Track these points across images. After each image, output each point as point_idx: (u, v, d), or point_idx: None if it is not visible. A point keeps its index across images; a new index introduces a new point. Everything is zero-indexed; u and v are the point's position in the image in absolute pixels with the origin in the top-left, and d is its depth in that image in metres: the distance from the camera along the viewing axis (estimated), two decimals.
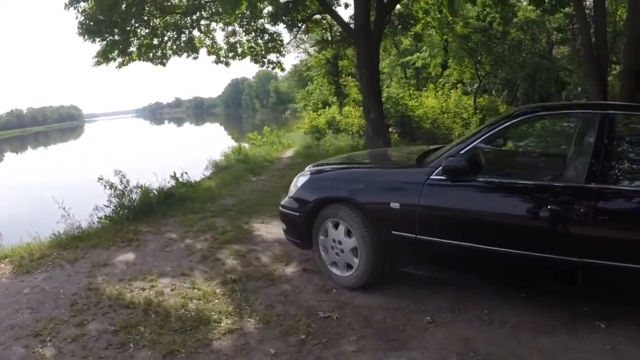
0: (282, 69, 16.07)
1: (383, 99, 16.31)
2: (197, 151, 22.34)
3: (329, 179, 4.94)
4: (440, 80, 20.93)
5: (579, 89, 18.07)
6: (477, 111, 18.29)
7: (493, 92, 24.01)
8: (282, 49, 15.79)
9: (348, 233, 4.34)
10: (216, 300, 4.41)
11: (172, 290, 4.69)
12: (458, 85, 20.62)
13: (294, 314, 4.09)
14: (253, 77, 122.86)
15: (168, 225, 7.11)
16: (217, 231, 6.63)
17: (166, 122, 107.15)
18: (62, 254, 5.89)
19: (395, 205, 4.08)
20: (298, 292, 4.54)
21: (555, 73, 21.69)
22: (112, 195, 7.65)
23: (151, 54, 14.04)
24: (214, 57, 15.26)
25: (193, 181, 9.95)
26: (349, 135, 15.72)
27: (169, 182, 9.03)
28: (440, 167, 3.93)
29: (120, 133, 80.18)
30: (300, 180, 4.98)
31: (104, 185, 7.68)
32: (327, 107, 22.44)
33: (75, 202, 7.77)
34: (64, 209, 7.00)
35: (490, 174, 4.12)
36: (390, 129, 14.23)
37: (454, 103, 18.33)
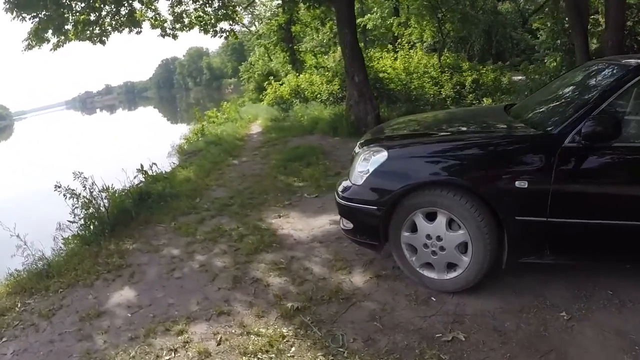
0: (236, 38, 14.30)
1: None
2: (147, 138, 19.91)
3: (422, 156, 3.73)
4: (399, 40, 19.53)
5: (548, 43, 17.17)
6: (446, 69, 17.08)
7: (445, 50, 23.06)
8: (235, 16, 13.91)
9: (450, 224, 3.47)
10: (292, 349, 3.05)
11: (218, 343, 3.18)
12: (417, 45, 19.37)
13: (408, 344, 3.06)
14: (184, 56, 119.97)
15: (159, 236, 5.46)
16: (231, 237, 5.09)
17: (98, 110, 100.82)
18: (30, 303, 4.16)
19: (521, 184, 3.25)
20: (391, 311, 3.48)
21: (508, 29, 21.07)
22: (76, 206, 5.75)
23: (89, 32, 12.08)
24: (157, 32, 13.44)
25: (164, 172, 8.12)
26: (320, 103, 14.11)
27: (135, 177, 7.22)
28: (576, 131, 3.23)
29: (54, 128, 74.12)
30: (374, 160, 3.77)
31: (64, 195, 5.72)
32: (271, 77, 20.76)
33: (28, 223, 5.89)
34: (17, 236, 5.00)
35: (631, 138, 3.45)
36: None
37: (418, 63, 17.02)
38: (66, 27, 11.48)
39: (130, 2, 12.54)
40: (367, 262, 4.26)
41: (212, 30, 13.93)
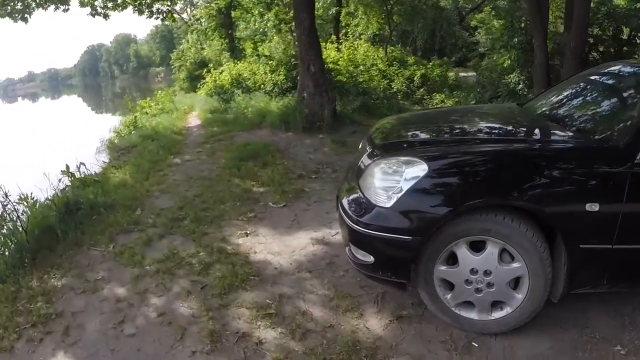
0: (174, 20, 12.90)
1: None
2: (71, 131, 17.74)
3: (471, 171, 2.97)
4: (344, 31, 18.67)
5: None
6: (394, 62, 16.47)
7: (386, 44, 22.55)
8: None
9: (501, 256, 2.87)
10: None
11: None
12: (361, 36, 18.59)
13: None
14: (111, 42, 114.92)
15: (96, 265, 4.22)
16: (193, 267, 3.99)
17: (19, 99, 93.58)
18: None
19: (592, 206, 2.72)
20: None
21: (455, 25, 20.84)
22: None
23: (9, 7, 10.66)
24: (87, 10, 12.12)
25: (94, 174, 6.76)
26: (264, 94, 12.94)
27: (60, 180, 5.89)
28: None
29: None
30: (408, 175, 2.93)
31: None
32: (209, 65, 19.34)
33: None
34: None
35: None
36: None
37: (364, 55, 16.29)
38: None
39: None
40: (377, 298, 3.45)
41: (147, 10, 12.60)
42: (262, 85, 13.73)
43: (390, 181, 2.98)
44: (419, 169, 2.88)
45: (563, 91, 4.30)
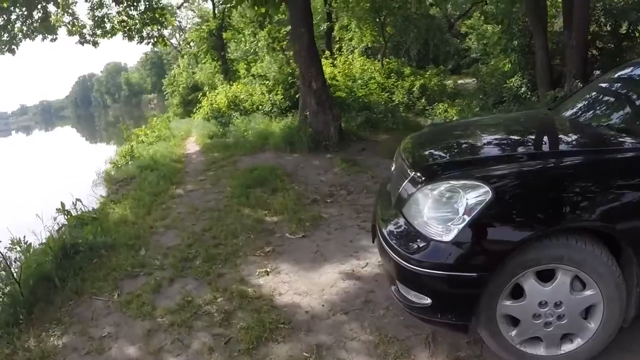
0: (165, 45, 12.55)
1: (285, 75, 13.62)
2: (66, 164, 17.17)
3: (541, 192, 2.57)
4: (338, 45, 18.34)
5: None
6: (392, 74, 16.09)
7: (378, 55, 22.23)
8: (163, 19, 12.12)
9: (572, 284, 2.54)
10: None
11: None
12: (355, 50, 18.24)
13: None
14: (101, 72, 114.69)
15: (100, 319, 3.72)
16: (212, 317, 3.51)
17: (13, 132, 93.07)
18: None
19: None
20: None
21: (446, 33, 20.59)
22: None
23: None
24: (75, 39, 11.81)
25: (92, 210, 6.28)
26: (263, 115, 12.50)
27: (55, 219, 5.42)
28: None
29: None
30: (470, 201, 2.51)
31: None
32: (204, 88, 18.92)
33: None
34: None
35: None
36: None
37: (361, 68, 15.90)
38: None
39: (44, 4, 10.75)
40: (428, 339, 3.05)
41: (137, 36, 12.19)
42: (260, 106, 13.31)
43: (447, 210, 2.57)
44: (482, 194, 2.48)
45: (598, 94, 3.90)
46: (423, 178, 2.88)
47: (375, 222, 3.37)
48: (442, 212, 2.59)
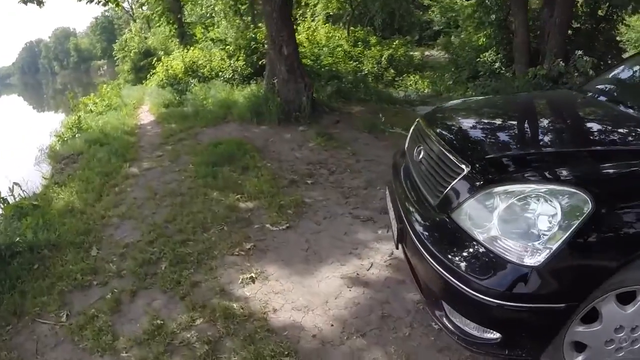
0: (117, 4, 11.22)
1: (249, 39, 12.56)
2: (9, 137, 15.36)
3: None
4: (300, 12, 17.23)
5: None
6: (359, 43, 15.27)
7: (341, 23, 21.25)
8: None
9: None
10: None
11: None
12: (319, 16, 17.23)
13: None
14: (49, 37, 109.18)
15: (45, 350, 2.86)
16: (193, 349, 2.69)
17: None
18: None
19: None
20: None
21: (410, 3, 19.84)
22: None
23: None
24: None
25: (33, 197, 5.27)
26: (224, 82, 11.47)
27: None
28: None
29: None
30: (563, 212, 1.90)
31: None
32: (150, 57, 17.53)
33: None
34: None
35: None
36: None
37: (326, 36, 15.02)
38: None
39: None
40: None
41: None
42: (220, 73, 12.24)
43: (528, 224, 1.94)
44: (580, 204, 1.89)
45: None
46: (489, 176, 2.17)
47: (403, 224, 2.65)
48: (522, 226, 1.94)
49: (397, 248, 2.93)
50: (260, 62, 12.04)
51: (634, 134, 2.56)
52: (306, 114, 8.27)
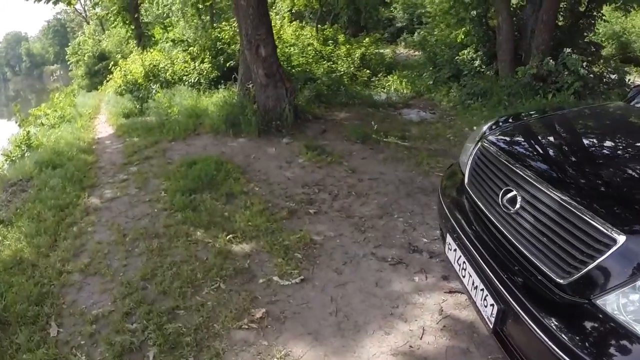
0: (70, 3, 10.05)
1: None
2: None
3: None
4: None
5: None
6: (328, 42, 14.43)
7: (304, 21, 20.40)
8: None
9: None
10: None
11: None
12: (285, 13, 16.30)
13: None
14: (0, 42, 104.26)
15: None
16: None
17: None
18: None
19: None
20: None
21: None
22: None
23: None
24: None
25: None
26: (189, 88, 10.41)
27: None
28: None
29: None
30: None
31: None
32: (105, 60, 16.26)
33: None
34: None
35: None
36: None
37: (295, 34, 14.14)
38: None
39: None
40: None
41: None
42: (185, 77, 11.17)
43: None
44: None
45: None
46: None
47: (507, 305, 1.97)
48: None
49: (493, 334, 2.11)
50: (227, 65, 11.07)
51: None
52: (288, 123, 7.38)
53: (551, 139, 2.73)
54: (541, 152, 2.46)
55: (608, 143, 2.51)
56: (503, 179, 2.26)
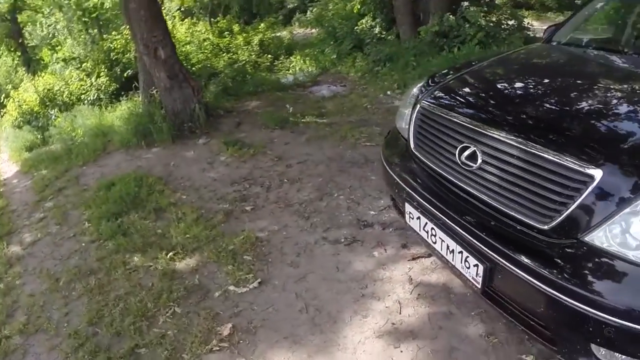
0: None
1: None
2: None
3: None
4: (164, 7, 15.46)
5: None
6: (225, 33, 14.00)
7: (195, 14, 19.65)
8: None
9: None
10: None
11: None
12: (175, 14, 15.55)
13: None
14: None
15: None
16: None
17: None
18: None
19: None
20: None
21: None
22: None
23: None
24: None
25: None
26: (90, 106, 9.66)
27: None
28: None
29: None
30: None
31: None
32: None
33: None
34: None
35: None
36: None
37: (188, 31, 13.61)
38: None
39: None
40: None
41: None
42: (83, 96, 10.37)
43: None
44: None
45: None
46: None
47: (492, 263, 1.95)
48: None
49: (482, 294, 2.04)
50: (126, 75, 10.41)
51: None
52: (201, 123, 7.00)
53: (493, 87, 2.68)
54: (490, 102, 2.39)
55: (551, 82, 2.49)
56: (456, 137, 2.17)
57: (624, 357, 1.72)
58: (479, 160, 2.03)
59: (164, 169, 5.86)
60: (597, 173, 1.70)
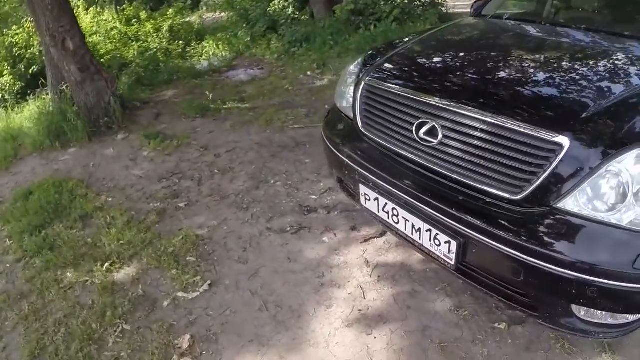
0: None
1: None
2: None
3: None
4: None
5: None
6: (133, 21, 13.14)
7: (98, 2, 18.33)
8: None
9: None
10: None
11: None
12: (79, 4, 14.38)
13: None
14: None
15: None
16: None
17: None
18: None
19: None
20: None
21: None
22: None
23: None
24: None
25: None
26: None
27: None
28: None
29: None
30: None
31: None
32: None
33: None
34: None
35: None
36: None
37: (93, 21, 12.67)
38: None
39: None
40: None
41: None
42: None
43: None
44: None
45: None
46: (607, 143, 1.69)
47: (465, 237, 1.90)
48: None
49: (455, 271, 1.99)
50: (31, 71, 9.49)
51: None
52: (118, 117, 6.44)
53: (442, 61, 2.56)
54: (443, 75, 2.26)
55: (498, 53, 2.40)
56: (412, 112, 2.02)
57: (603, 313, 1.77)
58: (440, 136, 1.92)
59: (84, 171, 5.35)
60: (566, 141, 1.69)
